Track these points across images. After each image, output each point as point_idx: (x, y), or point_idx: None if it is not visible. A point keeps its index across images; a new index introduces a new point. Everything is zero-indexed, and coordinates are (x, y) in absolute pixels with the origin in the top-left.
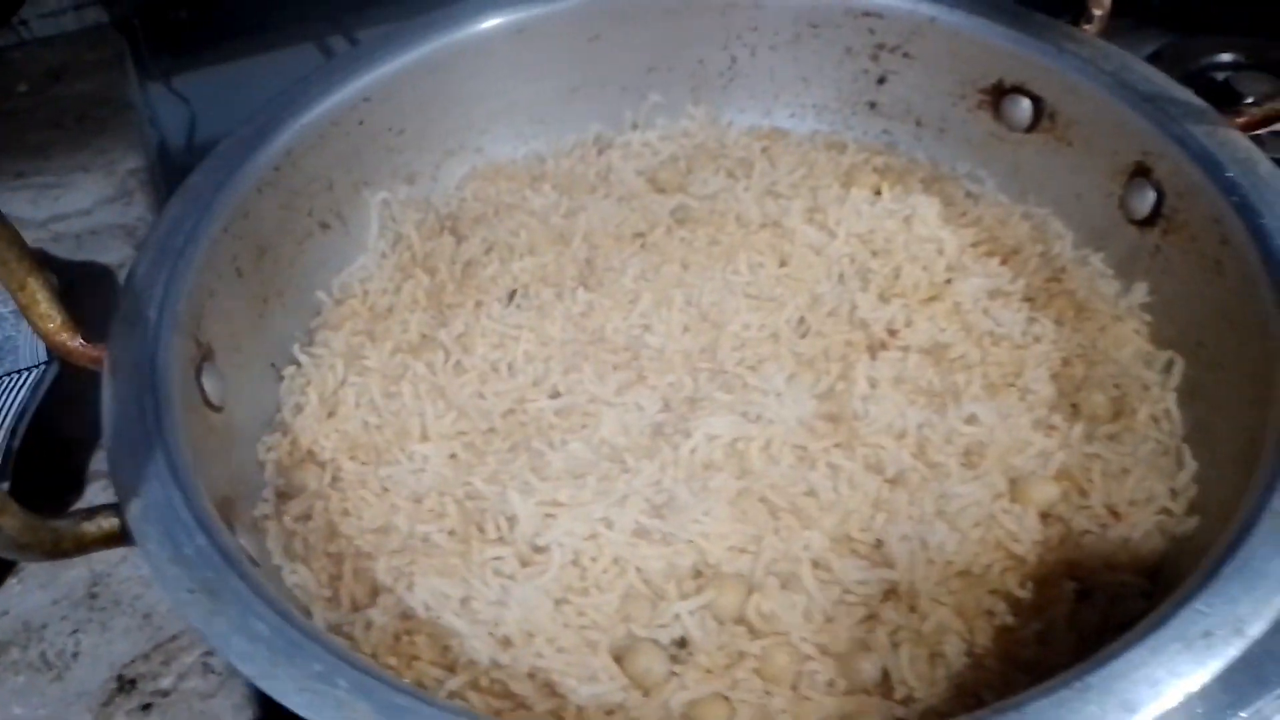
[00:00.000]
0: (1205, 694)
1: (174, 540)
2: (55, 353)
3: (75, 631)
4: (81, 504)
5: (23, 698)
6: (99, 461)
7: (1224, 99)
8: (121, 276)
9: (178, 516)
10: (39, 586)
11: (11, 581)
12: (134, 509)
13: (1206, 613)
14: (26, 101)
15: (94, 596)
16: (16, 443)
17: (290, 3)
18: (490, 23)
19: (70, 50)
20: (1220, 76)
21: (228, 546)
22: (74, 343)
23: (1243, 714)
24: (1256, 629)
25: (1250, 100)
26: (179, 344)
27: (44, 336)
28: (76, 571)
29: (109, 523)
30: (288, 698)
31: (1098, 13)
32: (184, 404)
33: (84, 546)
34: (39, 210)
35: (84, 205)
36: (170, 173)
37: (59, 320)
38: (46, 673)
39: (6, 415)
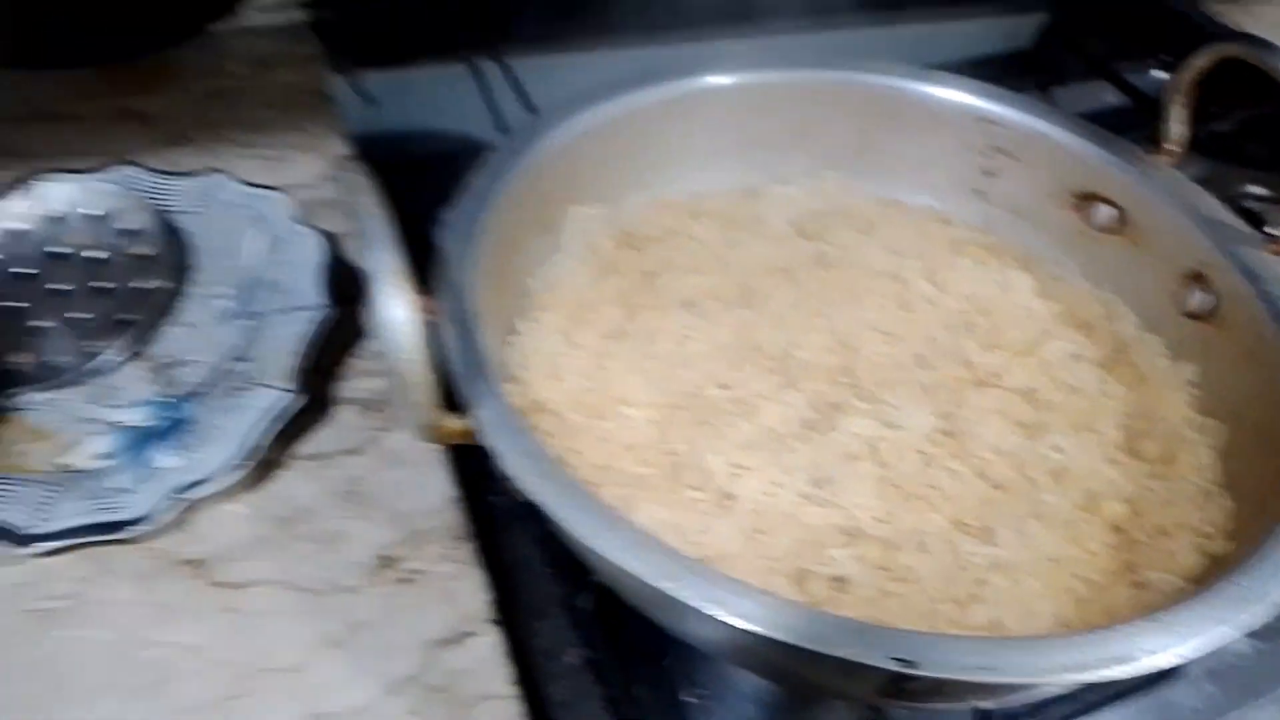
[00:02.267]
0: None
1: (514, 441)
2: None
3: (342, 518)
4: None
5: (307, 561)
6: (343, 391)
7: (1253, 225)
8: (342, 244)
9: (512, 426)
10: (309, 480)
11: (285, 474)
12: (481, 417)
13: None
14: (243, 83)
15: (354, 493)
16: (306, 364)
17: (457, 30)
18: (678, 88)
19: (278, 43)
20: (1252, 206)
21: (548, 448)
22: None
23: None
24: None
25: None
26: (486, 308)
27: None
28: (337, 473)
29: (457, 422)
30: (616, 555)
31: (1174, 148)
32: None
33: (448, 438)
34: (268, 178)
35: (306, 179)
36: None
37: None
38: (322, 545)
39: (295, 342)
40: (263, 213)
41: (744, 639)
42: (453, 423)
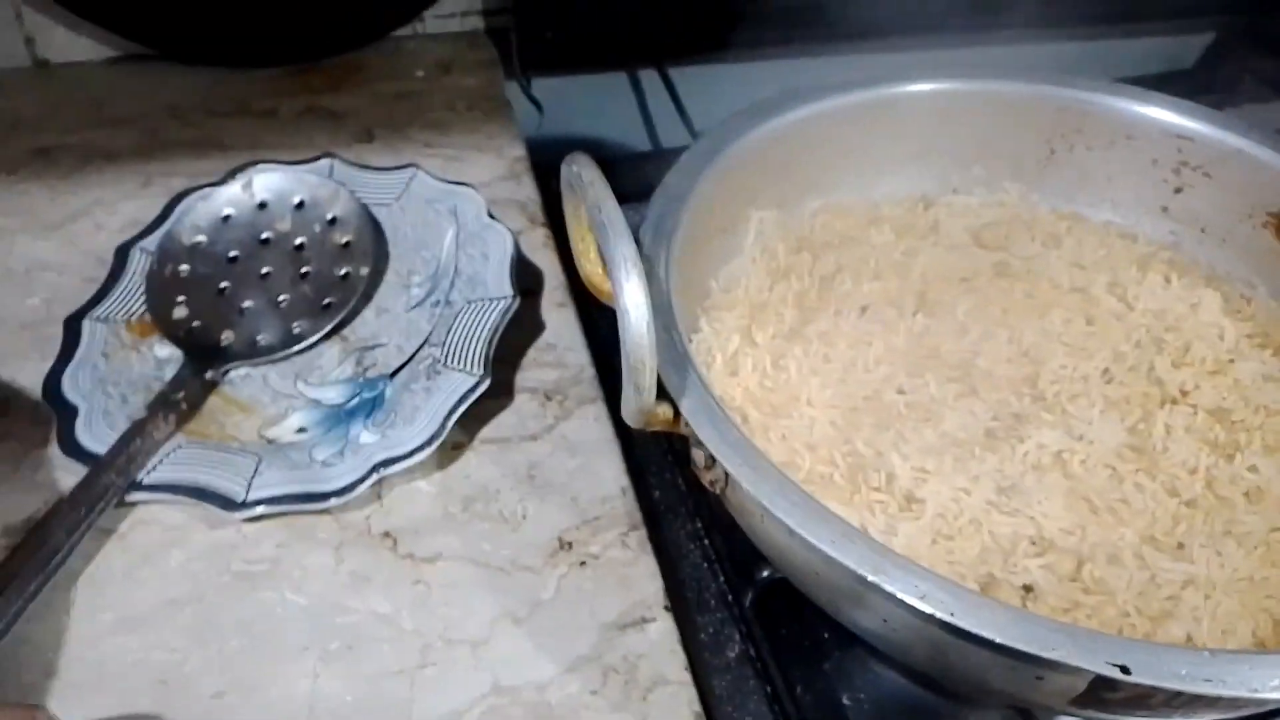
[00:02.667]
0: None
1: (718, 429)
2: (595, 293)
3: (521, 500)
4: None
5: (490, 539)
6: (522, 380)
7: None
8: (522, 241)
9: (717, 415)
10: (490, 462)
11: (469, 454)
12: (685, 406)
13: None
14: (424, 85)
15: (532, 477)
16: (491, 351)
17: (626, 44)
18: (866, 96)
19: (456, 48)
20: None
21: (750, 437)
22: (605, 285)
23: None
24: None
25: None
26: (675, 305)
27: (587, 278)
28: (517, 457)
29: (666, 410)
30: (824, 543)
31: None
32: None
33: (657, 424)
34: (449, 174)
35: (483, 178)
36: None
37: (602, 270)
38: (504, 524)
39: (484, 330)
40: (455, 206)
41: (941, 638)
42: (663, 410)
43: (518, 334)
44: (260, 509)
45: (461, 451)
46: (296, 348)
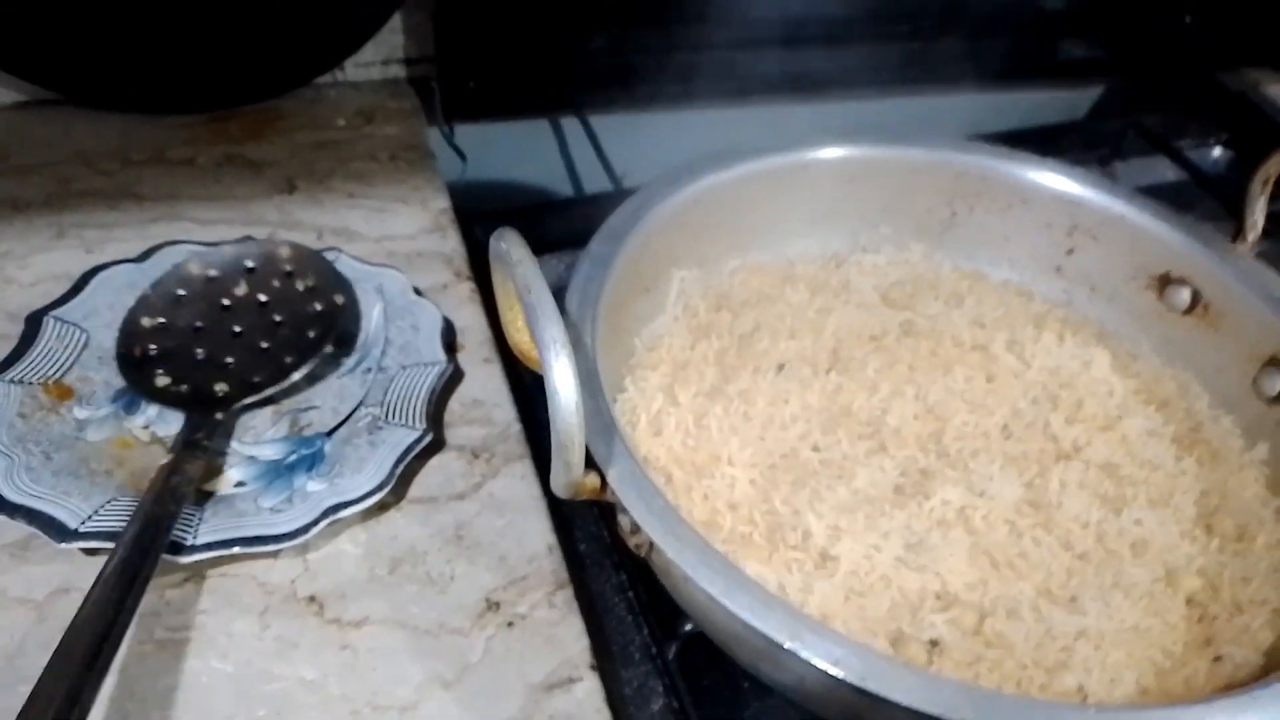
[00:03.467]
0: None
1: (645, 498)
2: (524, 360)
3: (449, 561)
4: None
5: (417, 601)
6: (450, 437)
7: None
8: (447, 296)
9: (643, 483)
10: (418, 523)
11: (395, 515)
12: (612, 475)
13: None
14: (346, 134)
15: (460, 537)
16: (432, 409)
17: (547, 92)
18: (780, 161)
19: (377, 97)
20: None
21: (676, 507)
22: (533, 353)
23: None
24: None
25: None
26: (605, 371)
27: (515, 346)
28: (444, 517)
29: (593, 479)
30: (745, 612)
31: (1251, 237)
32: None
33: (584, 494)
34: (372, 228)
35: (408, 231)
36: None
37: (529, 338)
38: (432, 586)
39: (423, 390)
40: (381, 284)
41: (854, 698)
42: (591, 480)
43: (445, 388)
44: (209, 553)
45: (388, 511)
46: (296, 374)
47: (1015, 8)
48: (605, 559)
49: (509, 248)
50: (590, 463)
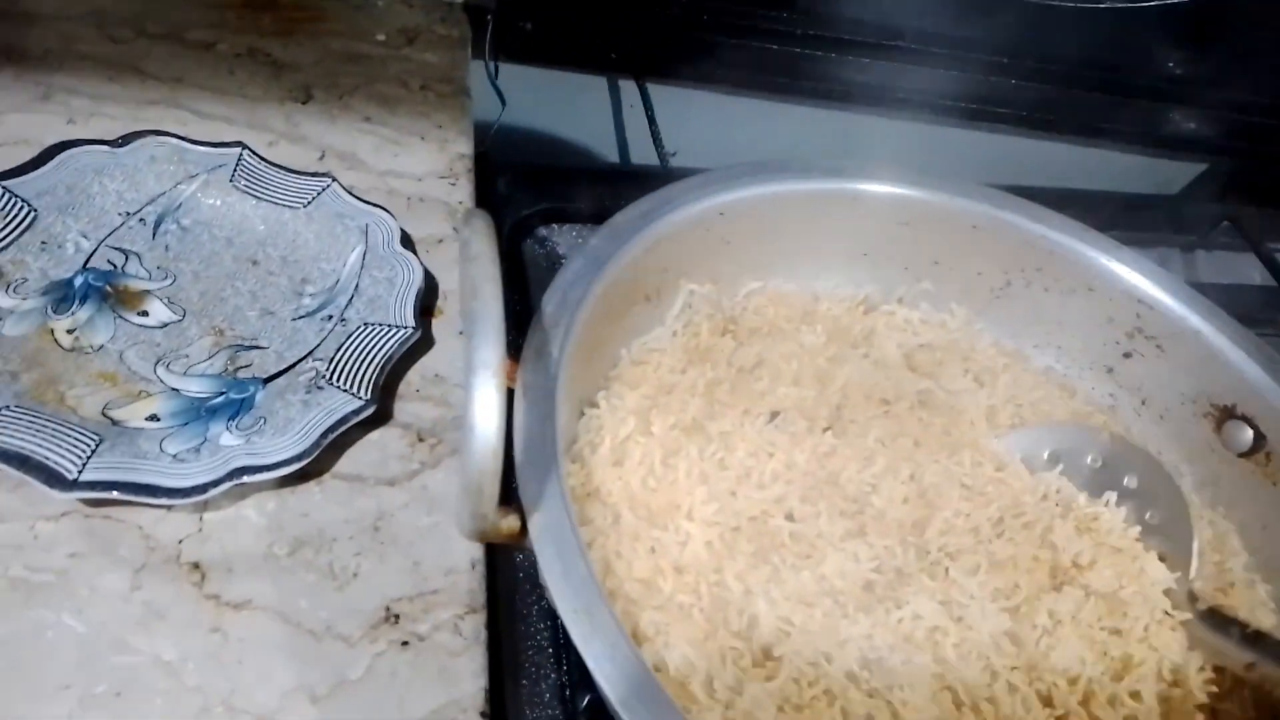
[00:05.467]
0: None
1: (564, 559)
2: None
3: (358, 554)
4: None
5: (309, 594)
6: (398, 410)
7: None
8: (439, 252)
9: (568, 539)
10: (335, 502)
11: (313, 489)
12: (535, 522)
13: None
14: (381, 50)
15: (377, 529)
16: (383, 378)
17: (609, 48)
18: (828, 186)
19: (425, 17)
20: None
21: (598, 578)
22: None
23: None
24: None
25: None
26: (571, 378)
27: None
28: (367, 502)
29: (511, 523)
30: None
31: None
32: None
33: (494, 538)
34: (379, 160)
35: (416, 172)
36: (477, 161)
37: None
38: (330, 580)
39: (378, 355)
40: (367, 225)
41: None
42: (508, 523)
43: (405, 356)
44: (91, 493)
45: (307, 482)
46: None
47: (1133, 66)
48: (537, 578)
49: (471, 236)
50: (513, 498)
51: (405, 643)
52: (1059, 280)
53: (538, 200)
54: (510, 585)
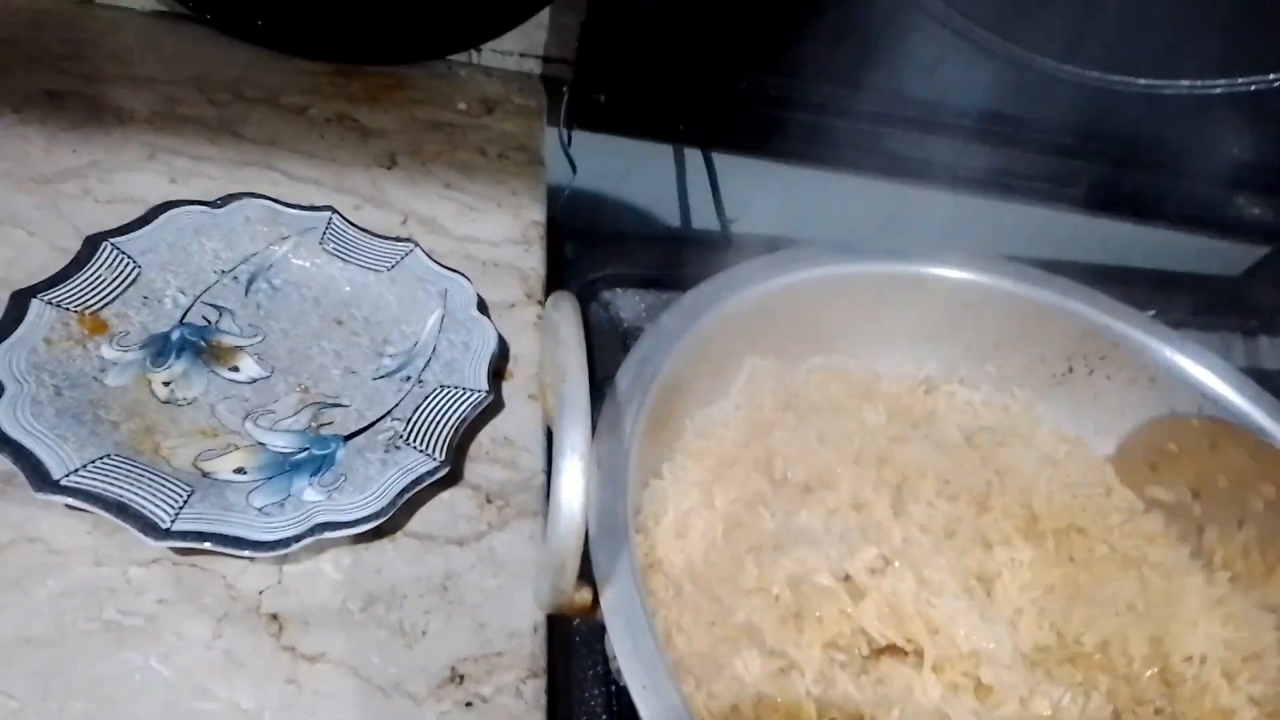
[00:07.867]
0: None
1: (633, 634)
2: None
3: (427, 613)
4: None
5: (380, 650)
6: (468, 471)
7: None
8: (511, 316)
9: (638, 614)
10: (408, 562)
11: (387, 545)
12: (608, 596)
13: None
14: (463, 119)
15: (445, 589)
16: (457, 440)
17: (677, 119)
18: (892, 268)
19: (505, 88)
20: None
21: (664, 655)
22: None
23: None
24: None
25: None
26: (641, 451)
27: (548, 414)
28: (436, 561)
29: (584, 595)
30: None
31: None
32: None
33: (569, 611)
34: (457, 225)
35: (492, 237)
36: (550, 226)
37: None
38: (401, 637)
39: (453, 417)
40: (446, 290)
41: None
42: (581, 596)
43: (477, 418)
44: (183, 542)
45: (380, 539)
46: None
47: (1198, 149)
48: (598, 642)
49: (561, 320)
50: (586, 571)
51: (469, 704)
52: (1121, 370)
53: (603, 265)
54: (566, 649)
